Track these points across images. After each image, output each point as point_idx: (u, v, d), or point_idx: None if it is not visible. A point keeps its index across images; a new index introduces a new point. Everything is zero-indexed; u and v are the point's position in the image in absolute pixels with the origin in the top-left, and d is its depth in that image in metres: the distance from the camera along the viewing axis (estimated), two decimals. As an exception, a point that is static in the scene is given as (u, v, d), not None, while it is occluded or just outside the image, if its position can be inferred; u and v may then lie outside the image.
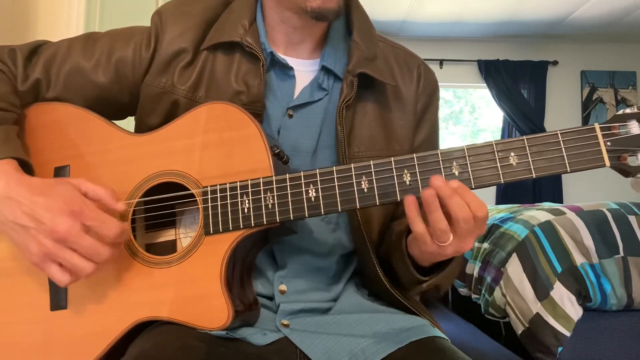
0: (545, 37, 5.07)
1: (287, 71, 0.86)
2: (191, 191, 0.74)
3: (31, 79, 0.83)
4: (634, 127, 0.63)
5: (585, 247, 1.82)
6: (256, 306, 0.78)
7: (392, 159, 0.68)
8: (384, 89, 0.87)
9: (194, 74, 0.84)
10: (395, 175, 0.68)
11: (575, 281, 1.77)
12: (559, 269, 1.79)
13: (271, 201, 0.70)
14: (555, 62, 5.17)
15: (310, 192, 0.70)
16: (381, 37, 0.92)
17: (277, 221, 0.70)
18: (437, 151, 0.67)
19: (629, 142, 0.63)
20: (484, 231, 0.67)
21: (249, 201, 0.71)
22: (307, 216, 0.70)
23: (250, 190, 0.71)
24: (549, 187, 4.95)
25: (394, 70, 0.90)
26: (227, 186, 0.72)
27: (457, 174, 0.66)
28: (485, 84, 5.10)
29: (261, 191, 0.71)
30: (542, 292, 1.78)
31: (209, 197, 0.73)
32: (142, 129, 0.85)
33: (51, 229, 0.66)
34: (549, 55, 5.16)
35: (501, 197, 4.91)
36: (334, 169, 0.69)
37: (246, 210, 0.71)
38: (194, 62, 0.84)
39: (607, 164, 0.64)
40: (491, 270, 2.01)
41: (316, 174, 0.70)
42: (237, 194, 0.72)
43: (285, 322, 0.79)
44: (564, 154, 0.64)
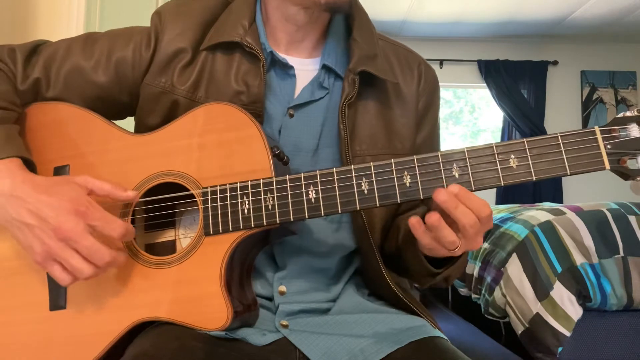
0: (545, 37, 5.07)
1: (287, 70, 0.86)
2: (191, 192, 0.74)
3: (31, 78, 0.83)
4: (634, 130, 0.63)
5: (585, 247, 1.82)
6: (255, 307, 0.78)
7: (393, 161, 0.68)
8: (385, 87, 0.87)
9: (194, 74, 0.84)
10: (395, 177, 0.68)
11: (575, 281, 1.77)
12: (559, 269, 1.79)
13: (271, 202, 0.70)
14: (555, 62, 5.17)
15: (310, 193, 0.70)
16: (381, 36, 0.92)
17: (277, 222, 0.70)
18: (437, 153, 0.67)
19: (629, 145, 0.63)
20: (491, 225, 0.68)
21: (249, 202, 0.71)
22: (307, 217, 0.70)
23: (250, 191, 0.71)
24: (549, 187, 4.95)
25: (395, 68, 0.90)
26: (227, 187, 0.72)
27: (457, 176, 0.66)
28: (485, 84, 5.10)
29: (261, 192, 0.71)
30: (542, 292, 1.78)
31: (209, 197, 0.73)
32: (142, 129, 0.85)
33: (55, 228, 0.66)
34: (549, 55, 5.16)
35: (501, 197, 4.92)
36: (334, 170, 0.69)
37: (246, 211, 0.71)
38: (194, 62, 0.84)
39: (607, 167, 0.64)
40: (491, 270, 2.01)
41: (316, 175, 0.70)
42: (237, 195, 0.72)
43: (284, 323, 0.79)
44: (564, 157, 0.64)
